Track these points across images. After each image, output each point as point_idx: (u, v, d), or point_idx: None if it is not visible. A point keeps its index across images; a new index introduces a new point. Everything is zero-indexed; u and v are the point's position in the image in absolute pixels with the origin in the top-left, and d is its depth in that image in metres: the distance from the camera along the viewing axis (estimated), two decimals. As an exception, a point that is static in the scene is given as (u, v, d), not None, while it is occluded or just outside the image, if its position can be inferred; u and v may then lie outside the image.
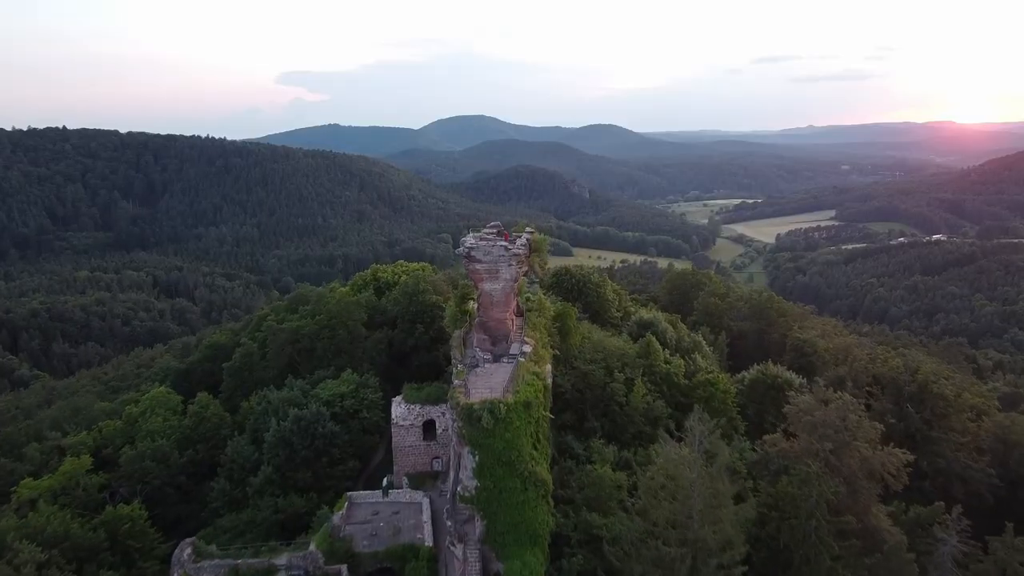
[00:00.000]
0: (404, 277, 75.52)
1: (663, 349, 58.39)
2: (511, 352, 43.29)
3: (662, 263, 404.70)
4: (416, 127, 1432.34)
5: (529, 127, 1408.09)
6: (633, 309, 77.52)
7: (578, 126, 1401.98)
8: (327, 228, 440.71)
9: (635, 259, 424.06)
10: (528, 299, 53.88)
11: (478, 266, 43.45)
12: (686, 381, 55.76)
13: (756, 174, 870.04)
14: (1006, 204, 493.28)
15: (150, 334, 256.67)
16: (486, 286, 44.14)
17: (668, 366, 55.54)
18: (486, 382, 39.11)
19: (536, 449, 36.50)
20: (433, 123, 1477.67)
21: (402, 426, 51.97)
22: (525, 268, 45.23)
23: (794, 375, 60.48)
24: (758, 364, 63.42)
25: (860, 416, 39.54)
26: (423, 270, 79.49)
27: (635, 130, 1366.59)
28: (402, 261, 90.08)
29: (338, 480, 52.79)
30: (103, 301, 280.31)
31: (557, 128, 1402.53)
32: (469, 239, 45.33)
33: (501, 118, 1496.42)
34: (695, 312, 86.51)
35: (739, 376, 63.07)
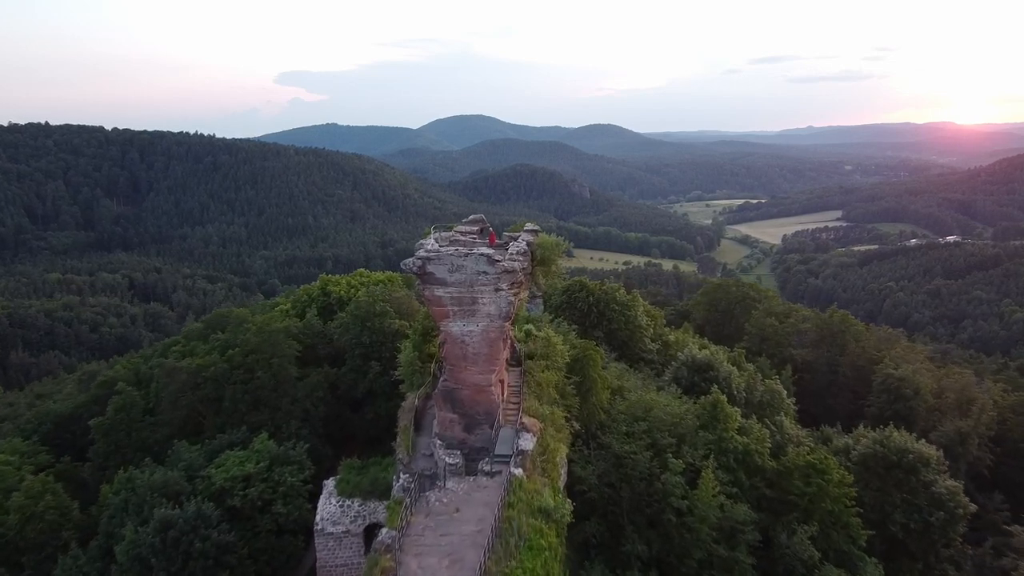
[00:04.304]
0: (362, 292, 55.64)
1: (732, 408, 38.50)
2: (498, 452, 23.95)
3: (666, 265, 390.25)
4: (415, 127, 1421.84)
5: (528, 127, 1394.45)
6: (672, 338, 57.71)
7: (577, 126, 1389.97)
8: (318, 228, 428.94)
9: (639, 261, 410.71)
10: (529, 332, 34.40)
11: (440, 291, 24.25)
12: (773, 463, 36.41)
13: (758, 174, 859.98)
14: (1018, 204, 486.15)
15: (120, 341, 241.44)
16: (454, 327, 24.84)
17: (746, 440, 36.31)
18: (442, 535, 19.80)
19: None
20: (432, 123, 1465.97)
21: (331, 534, 32.80)
22: (525, 293, 26.07)
23: (929, 447, 41.03)
24: (863, 424, 44.22)
25: None
26: (389, 282, 59.70)
27: (634, 130, 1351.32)
28: (363, 270, 69.57)
29: (230, 621, 33.42)
30: (71, 306, 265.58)
31: (556, 128, 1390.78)
32: (429, 243, 26.04)
33: (500, 118, 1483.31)
34: (745, 336, 67.13)
35: (838, 443, 43.58)
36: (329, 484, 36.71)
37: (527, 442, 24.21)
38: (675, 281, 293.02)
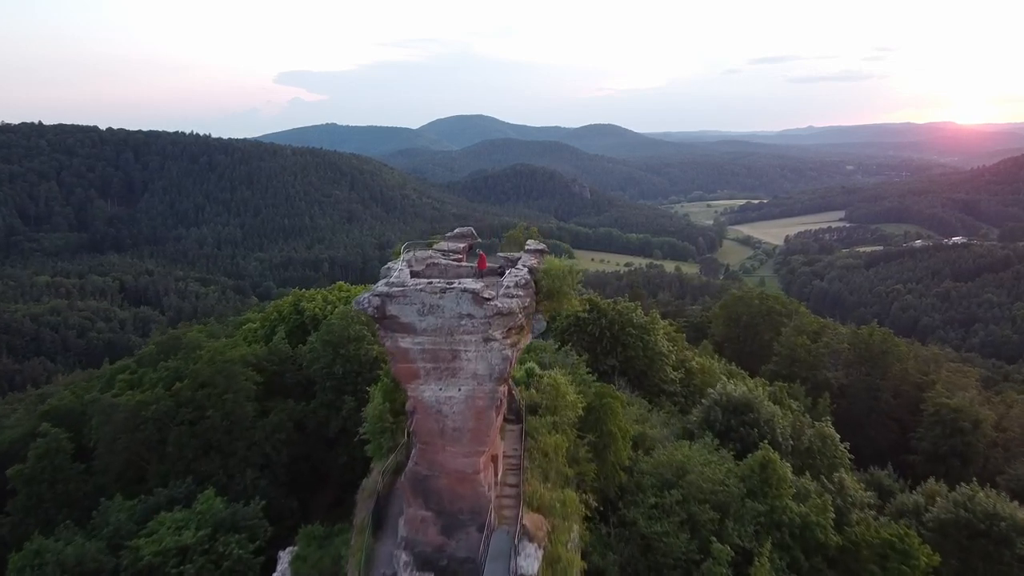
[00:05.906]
0: (338, 312, 48.21)
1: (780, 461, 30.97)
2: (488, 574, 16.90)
3: (668, 266, 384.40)
4: (414, 127, 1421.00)
5: (528, 127, 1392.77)
6: (695, 363, 50.28)
7: (577, 126, 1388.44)
8: (315, 229, 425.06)
9: (640, 262, 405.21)
10: (531, 372, 27.35)
11: (406, 342, 16.86)
12: (837, 536, 29.12)
13: (759, 174, 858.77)
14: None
15: (108, 347, 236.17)
16: (427, 392, 17.48)
17: (804, 508, 28.84)
18: None
19: None
20: (431, 123, 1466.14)
21: (284, 630, 25.58)
22: (526, 341, 19.09)
23: (1018, 509, 33.97)
24: (943, 481, 36.88)
25: None
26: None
27: (635, 130, 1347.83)
28: (342, 283, 61.36)
29: None
30: (58, 310, 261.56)
31: (556, 128, 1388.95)
32: (397, 269, 18.97)
33: (500, 118, 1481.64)
34: (775, 358, 59.97)
35: (904, 501, 36.45)
36: (284, 559, 29.65)
37: (530, 562, 16.88)
38: (678, 284, 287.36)
